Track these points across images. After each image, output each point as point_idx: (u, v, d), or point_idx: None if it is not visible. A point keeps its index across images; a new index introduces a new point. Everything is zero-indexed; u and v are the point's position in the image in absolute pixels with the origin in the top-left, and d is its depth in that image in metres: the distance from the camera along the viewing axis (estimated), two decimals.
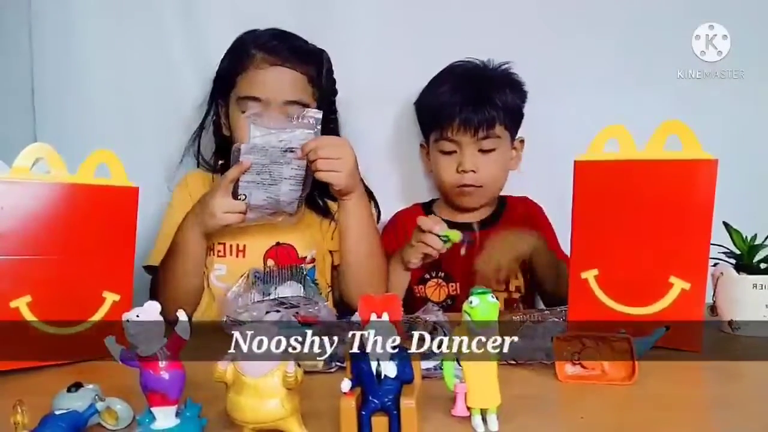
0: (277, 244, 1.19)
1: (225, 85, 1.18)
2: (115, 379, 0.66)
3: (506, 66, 1.26)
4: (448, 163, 1.25)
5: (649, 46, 1.30)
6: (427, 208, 1.35)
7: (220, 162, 1.23)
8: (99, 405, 0.56)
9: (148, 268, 1.17)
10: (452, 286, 1.27)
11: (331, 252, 1.24)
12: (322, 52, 1.21)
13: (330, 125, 1.25)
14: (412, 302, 1.22)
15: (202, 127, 1.26)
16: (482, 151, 1.22)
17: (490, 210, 1.32)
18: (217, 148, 1.26)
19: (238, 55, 1.17)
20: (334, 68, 1.24)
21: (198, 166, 1.28)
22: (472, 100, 1.21)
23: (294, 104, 1.14)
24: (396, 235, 1.30)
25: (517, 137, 1.29)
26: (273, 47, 1.15)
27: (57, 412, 0.54)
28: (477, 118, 1.19)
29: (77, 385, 0.59)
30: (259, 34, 1.18)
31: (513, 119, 1.25)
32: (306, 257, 1.20)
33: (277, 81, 1.14)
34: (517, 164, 1.31)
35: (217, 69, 1.21)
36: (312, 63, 1.18)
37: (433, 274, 1.27)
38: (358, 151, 1.19)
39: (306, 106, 1.15)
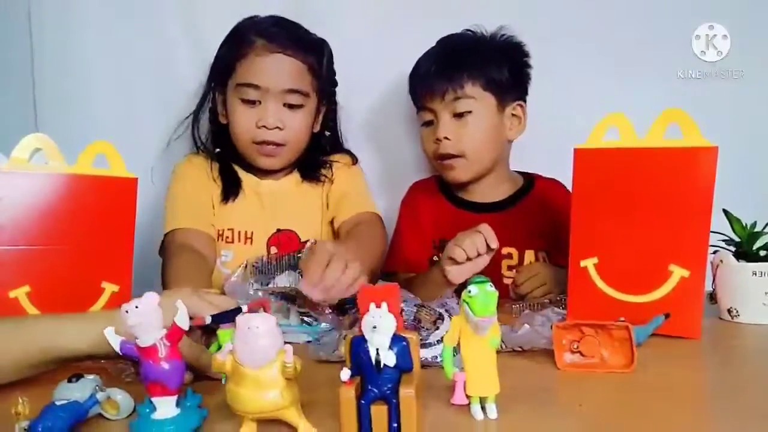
0: (278, 230, 1.19)
1: (223, 72, 1.17)
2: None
3: (497, 32, 1.19)
4: (428, 134, 1.20)
5: (649, 46, 1.29)
6: (442, 179, 1.27)
7: (217, 150, 1.23)
8: (99, 395, 0.57)
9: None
10: None
11: (331, 223, 1.24)
12: (323, 41, 1.20)
13: (330, 117, 1.26)
14: None
15: (198, 111, 1.25)
16: (457, 115, 1.15)
17: (510, 189, 1.25)
18: (214, 136, 1.25)
19: (238, 41, 1.15)
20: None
21: (198, 151, 1.26)
22: (439, 61, 1.16)
23: (293, 93, 1.14)
24: (414, 206, 1.28)
25: (513, 103, 1.19)
26: (274, 34, 1.13)
27: (58, 403, 0.54)
28: (442, 79, 1.13)
29: (78, 376, 0.59)
30: (260, 21, 1.16)
31: (493, 81, 1.15)
32: (308, 241, 1.20)
33: (278, 69, 1.13)
34: (518, 133, 1.21)
35: (216, 55, 1.20)
36: (313, 52, 1.16)
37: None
38: (355, 135, 1.21)
39: (305, 95, 1.15)
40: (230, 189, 1.20)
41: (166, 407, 0.53)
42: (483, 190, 1.24)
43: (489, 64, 1.15)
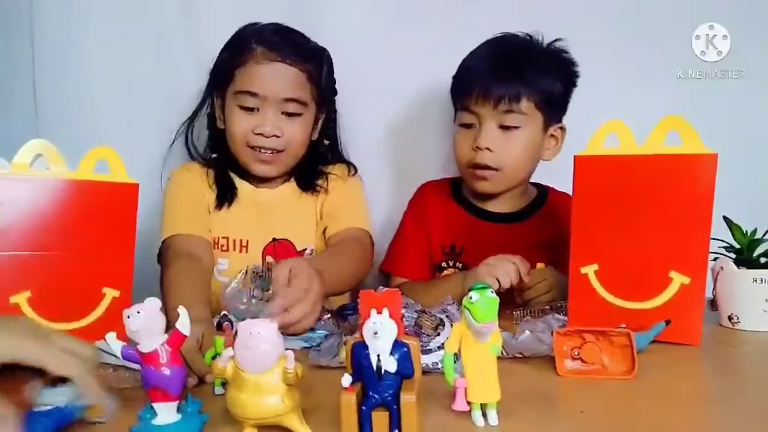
0: (274, 240, 1.19)
1: (223, 78, 1.17)
2: None
3: (556, 43, 1.14)
4: (465, 138, 1.13)
5: (649, 46, 1.29)
6: (456, 184, 1.26)
7: (213, 155, 1.23)
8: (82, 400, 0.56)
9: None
10: None
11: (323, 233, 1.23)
12: (323, 50, 1.20)
13: (329, 125, 1.26)
14: None
15: (194, 117, 1.25)
16: (504, 127, 1.10)
17: (525, 201, 1.23)
18: (212, 141, 1.25)
19: (238, 48, 1.15)
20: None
21: (191, 158, 1.26)
22: (498, 67, 1.10)
23: (292, 101, 1.13)
24: (423, 208, 1.25)
25: (556, 124, 1.15)
26: (274, 42, 1.13)
27: (40, 409, 0.54)
28: (499, 87, 1.07)
29: (62, 380, 0.58)
30: (261, 28, 1.16)
31: (547, 99, 1.11)
32: (305, 250, 1.20)
33: (277, 77, 1.12)
34: (553, 154, 1.17)
35: (215, 61, 1.20)
36: (313, 61, 1.16)
37: (451, 264, 1.21)
38: (360, 143, 1.21)
39: (304, 104, 1.15)
40: (225, 196, 1.19)
41: (167, 413, 0.53)
42: (500, 202, 1.21)
43: (545, 78, 1.11)
